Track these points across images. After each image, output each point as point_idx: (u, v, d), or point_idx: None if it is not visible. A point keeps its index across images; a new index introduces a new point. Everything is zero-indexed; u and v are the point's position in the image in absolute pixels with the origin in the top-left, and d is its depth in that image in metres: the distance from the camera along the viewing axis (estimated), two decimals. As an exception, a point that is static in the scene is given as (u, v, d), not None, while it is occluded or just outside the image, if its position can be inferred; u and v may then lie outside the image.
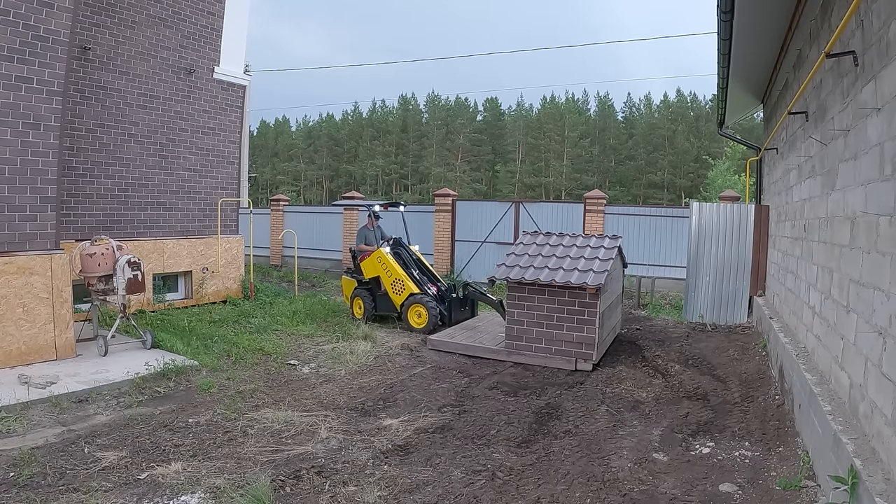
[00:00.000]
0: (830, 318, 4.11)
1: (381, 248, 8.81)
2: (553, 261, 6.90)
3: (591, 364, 6.43)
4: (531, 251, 7.21)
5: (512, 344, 6.84)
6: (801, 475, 3.67)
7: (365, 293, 8.92)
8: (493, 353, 6.94)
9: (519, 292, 6.79)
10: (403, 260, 8.89)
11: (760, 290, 8.67)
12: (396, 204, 9.81)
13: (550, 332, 6.62)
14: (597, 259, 6.78)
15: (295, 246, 13.26)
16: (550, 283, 6.53)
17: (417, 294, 8.41)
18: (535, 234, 7.73)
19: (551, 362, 6.58)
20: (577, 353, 6.49)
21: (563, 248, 7.16)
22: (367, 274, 8.87)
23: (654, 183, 59.93)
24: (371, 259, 8.81)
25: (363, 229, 9.45)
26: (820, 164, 4.78)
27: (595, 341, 6.43)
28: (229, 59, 10.09)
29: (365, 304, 8.87)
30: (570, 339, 6.52)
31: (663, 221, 11.97)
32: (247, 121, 18.19)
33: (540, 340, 6.68)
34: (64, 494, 3.45)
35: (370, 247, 9.10)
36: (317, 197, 69.92)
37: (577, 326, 6.48)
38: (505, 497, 3.55)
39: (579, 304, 6.48)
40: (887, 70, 2.98)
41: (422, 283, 8.65)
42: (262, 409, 5.05)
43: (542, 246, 7.30)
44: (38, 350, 5.97)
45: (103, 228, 8.48)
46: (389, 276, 8.61)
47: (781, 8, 5.51)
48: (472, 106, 71.09)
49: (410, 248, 9.16)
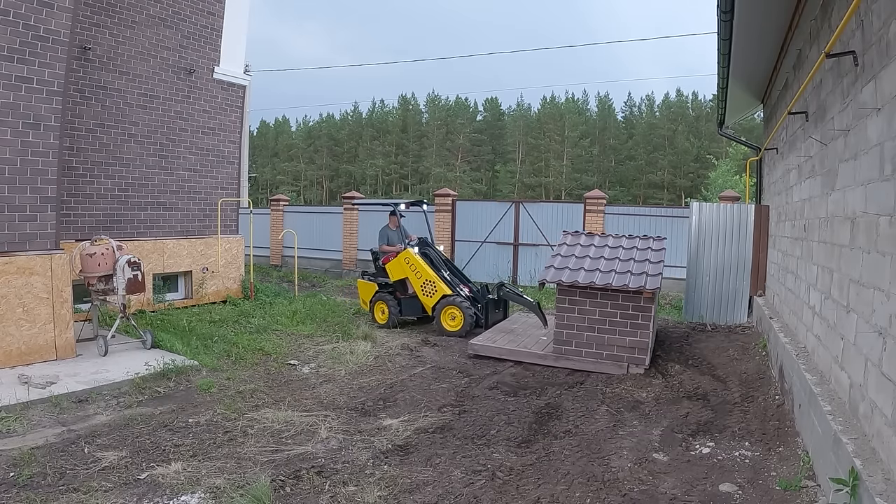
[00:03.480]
0: (830, 318, 4.10)
1: (408, 248, 8.46)
2: (602, 263, 6.70)
3: (643, 368, 6.28)
4: (577, 252, 6.98)
5: (560, 349, 6.60)
6: (801, 475, 3.66)
7: (388, 297, 8.55)
8: (540, 359, 6.67)
9: (569, 296, 6.54)
10: (432, 260, 8.54)
11: (760, 290, 8.67)
12: (419, 203, 9.44)
13: (602, 337, 6.41)
14: (647, 261, 6.63)
15: (295, 246, 13.26)
16: (605, 287, 6.30)
17: (450, 296, 8.12)
18: (577, 234, 7.52)
19: (602, 367, 6.37)
20: (629, 357, 6.30)
21: (609, 249, 6.98)
22: (394, 276, 8.52)
23: (654, 183, 59.92)
24: (398, 260, 8.47)
25: (385, 229, 9.06)
26: (820, 164, 4.77)
27: (648, 346, 6.30)
28: (229, 59, 10.09)
29: (389, 308, 8.50)
30: (622, 344, 6.32)
31: (663, 221, 11.97)
32: (247, 121, 18.19)
33: (590, 345, 6.48)
34: (64, 494, 3.45)
35: (394, 247, 8.77)
36: (317, 197, 69.92)
37: (630, 331, 6.29)
38: (505, 497, 3.55)
39: (633, 307, 6.28)
40: (887, 70, 2.98)
41: (454, 285, 8.34)
42: (262, 409, 5.05)
43: (587, 247, 7.10)
44: (38, 350, 5.97)
45: (103, 228, 8.48)
46: (419, 278, 8.28)
47: (781, 8, 5.51)
48: (472, 106, 71.14)
49: (438, 248, 8.84)
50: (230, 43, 10.08)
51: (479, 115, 71.57)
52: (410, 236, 8.91)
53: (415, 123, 69.60)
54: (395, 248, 8.75)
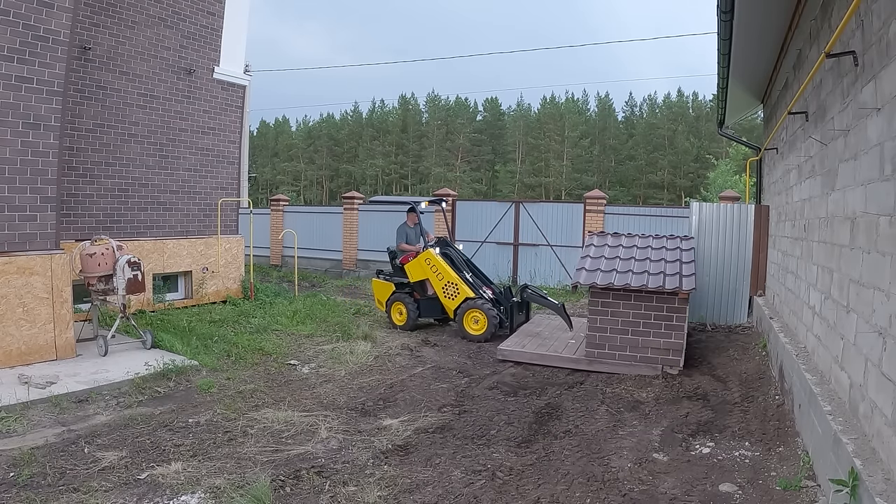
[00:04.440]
0: (830, 318, 4.10)
1: (429, 248, 8.18)
2: (633, 263, 6.61)
3: (677, 370, 6.21)
4: (606, 254, 6.87)
5: (593, 352, 6.48)
6: (801, 475, 3.66)
7: (407, 297, 8.32)
8: (572, 363, 6.53)
9: (602, 298, 6.42)
10: (453, 261, 8.28)
11: (760, 290, 8.67)
12: (439, 201, 9.16)
13: (636, 339, 6.32)
14: (678, 262, 6.57)
15: (295, 246, 13.25)
16: (640, 289, 6.22)
17: (473, 298, 7.88)
18: (603, 234, 7.44)
19: (636, 370, 6.28)
20: (664, 359, 6.24)
21: (638, 249, 6.91)
22: (413, 277, 8.25)
23: (654, 183, 59.93)
24: (418, 261, 8.19)
25: (403, 227, 8.78)
26: (820, 164, 4.77)
27: (683, 347, 6.22)
28: (229, 59, 10.09)
29: (408, 309, 8.26)
30: (656, 346, 6.25)
31: (663, 221, 11.96)
32: (247, 121, 18.20)
33: (624, 348, 6.37)
34: (64, 494, 3.46)
35: (412, 247, 8.53)
36: (317, 197, 69.93)
37: (665, 332, 6.22)
38: (505, 497, 3.55)
39: (668, 309, 6.21)
40: (887, 70, 2.98)
41: (476, 287, 8.12)
42: (262, 409, 5.05)
43: (616, 248, 7.00)
44: (38, 350, 5.97)
45: (103, 228, 8.48)
46: (440, 280, 8.04)
47: (781, 8, 5.51)
48: (472, 106, 71.16)
49: (458, 247, 8.62)
50: (230, 43, 10.07)
51: (479, 115, 71.58)
52: (430, 235, 8.67)
53: (415, 123, 69.61)
54: (414, 247, 8.51)
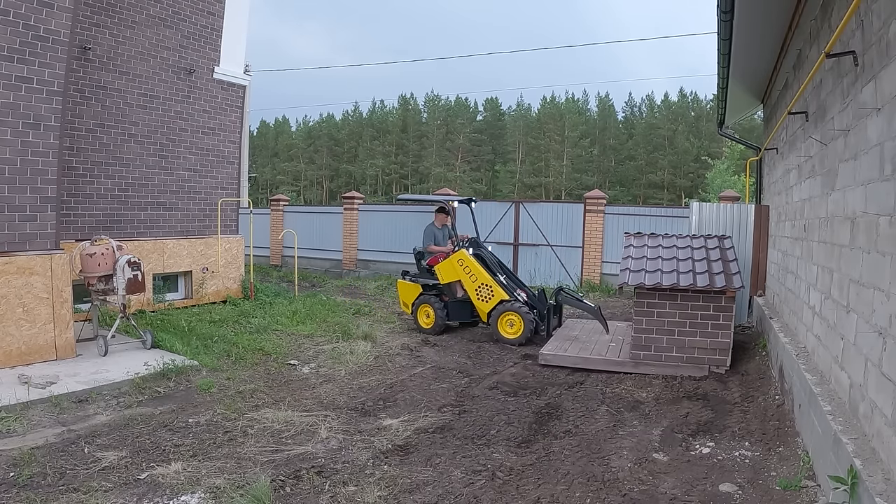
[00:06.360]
0: (830, 318, 4.10)
1: (462, 249, 7.99)
2: (676, 263, 6.55)
3: (724, 369, 6.15)
4: (649, 254, 6.80)
5: (639, 354, 6.38)
6: (801, 475, 3.66)
7: (434, 300, 8.12)
8: (618, 366, 6.41)
9: (648, 298, 6.32)
10: (486, 262, 8.08)
11: (760, 290, 8.67)
12: (470, 200, 8.99)
13: (682, 340, 6.24)
14: (721, 260, 6.55)
15: (295, 246, 13.25)
16: (687, 288, 6.13)
17: (508, 301, 7.69)
18: (640, 235, 7.39)
19: (682, 371, 6.20)
20: (711, 359, 6.18)
21: (678, 249, 6.87)
22: (444, 278, 8.06)
23: (654, 183, 59.93)
24: (450, 262, 8.01)
25: (430, 227, 8.61)
26: (820, 164, 4.77)
27: (730, 346, 6.17)
28: (229, 59, 10.09)
29: (436, 312, 8.06)
30: (703, 346, 6.18)
31: (663, 221, 11.97)
32: (247, 121, 18.16)
33: (671, 349, 6.28)
34: (64, 494, 3.45)
35: (441, 248, 8.40)
36: (317, 197, 69.92)
37: (712, 332, 6.16)
38: (505, 497, 3.55)
39: (714, 308, 6.14)
40: (887, 70, 2.98)
41: (510, 289, 7.92)
42: (262, 409, 5.05)
43: (655, 248, 6.95)
44: (38, 350, 5.97)
45: (103, 228, 8.48)
46: (474, 282, 7.83)
47: (781, 8, 5.51)
48: (472, 106, 71.15)
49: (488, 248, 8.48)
50: (230, 43, 10.07)
51: (479, 115, 71.59)
52: (462, 235, 8.46)
53: (415, 123, 69.59)
54: (443, 248, 8.37)
